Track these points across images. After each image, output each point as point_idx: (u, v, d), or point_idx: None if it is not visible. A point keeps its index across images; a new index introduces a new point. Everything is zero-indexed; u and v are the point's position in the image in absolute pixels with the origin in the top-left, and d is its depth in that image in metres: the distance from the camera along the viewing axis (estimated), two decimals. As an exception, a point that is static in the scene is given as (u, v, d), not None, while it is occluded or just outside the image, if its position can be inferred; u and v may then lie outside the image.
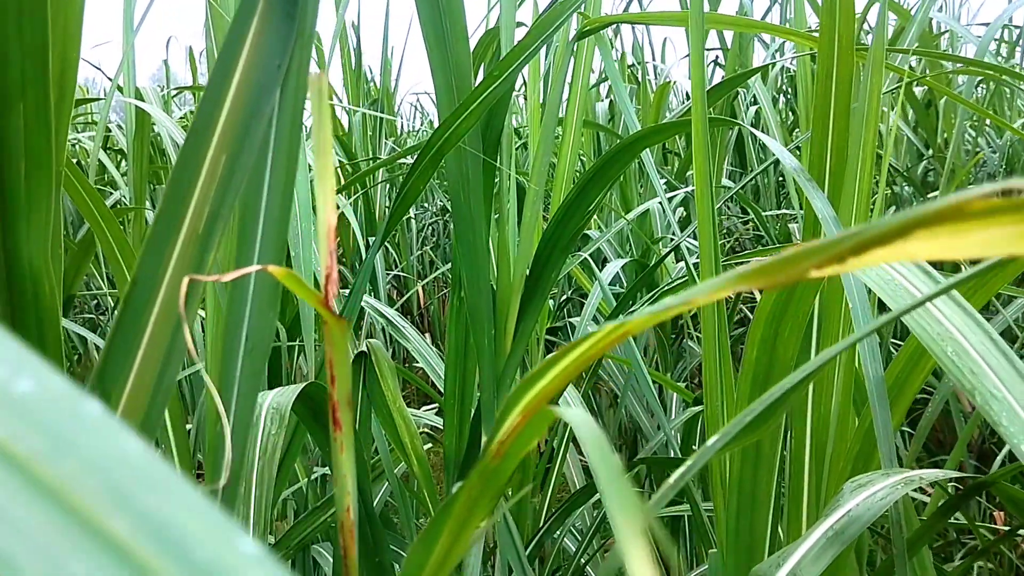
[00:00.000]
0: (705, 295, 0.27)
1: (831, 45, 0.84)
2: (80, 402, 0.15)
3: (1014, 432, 0.48)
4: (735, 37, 2.64)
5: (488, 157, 1.07)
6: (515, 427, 0.33)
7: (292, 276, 0.38)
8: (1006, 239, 0.22)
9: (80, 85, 4.27)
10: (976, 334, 0.52)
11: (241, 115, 0.45)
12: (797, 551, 0.63)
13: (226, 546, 0.14)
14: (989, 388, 0.50)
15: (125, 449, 0.15)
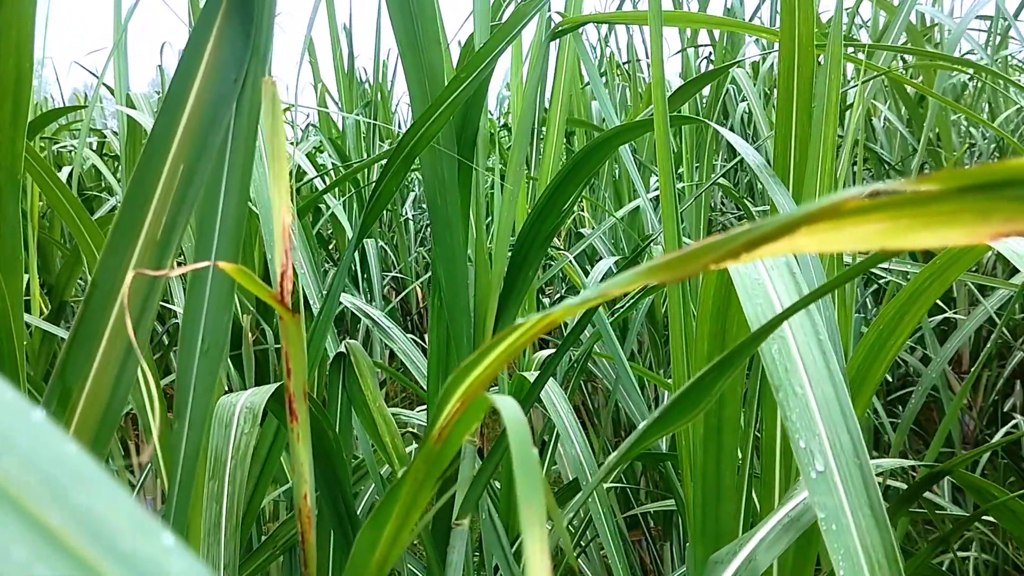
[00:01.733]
0: (618, 287, 0.29)
1: (792, 41, 0.86)
2: (25, 409, 0.17)
3: (799, 427, 0.50)
4: (722, 34, 2.65)
5: (464, 158, 1.08)
6: (454, 413, 0.35)
7: (243, 272, 0.40)
8: (878, 234, 0.23)
9: (77, 92, 4.29)
10: (806, 334, 0.54)
11: (198, 126, 0.46)
12: (753, 538, 0.65)
13: (149, 538, 0.16)
14: (794, 385, 0.51)
15: (63, 451, 0.17)
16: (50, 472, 0.16)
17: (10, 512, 0.15)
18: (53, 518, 0.16)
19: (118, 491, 0.17)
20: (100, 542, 0.16)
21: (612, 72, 3.10)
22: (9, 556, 0.15)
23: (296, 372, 0.39)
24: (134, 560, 0.16)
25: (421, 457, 0.35)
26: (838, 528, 0.46)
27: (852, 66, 2.34)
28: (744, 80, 2.15)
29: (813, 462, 0.48)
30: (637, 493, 2.05)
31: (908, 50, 1.99)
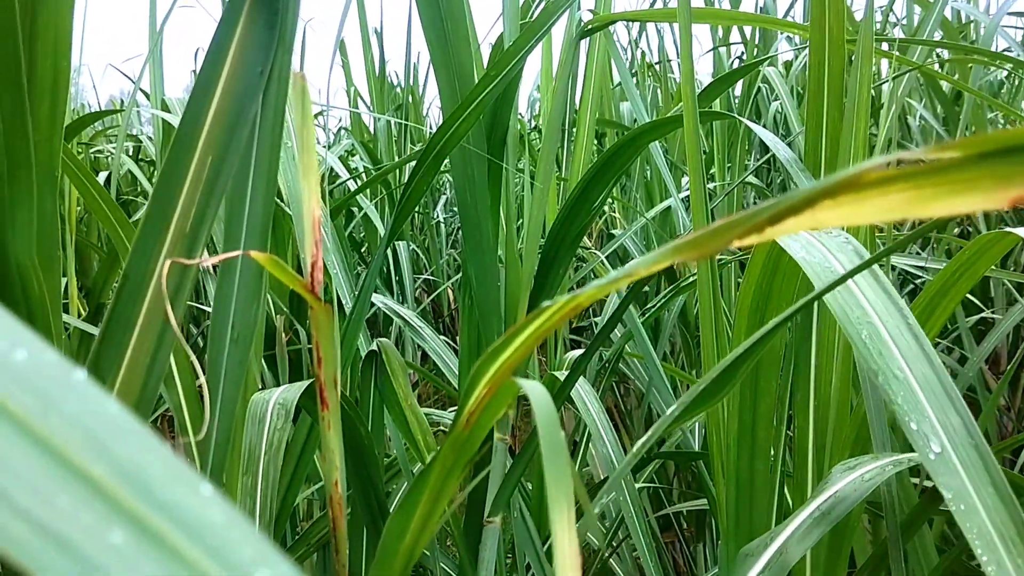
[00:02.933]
0: (645, 267, 0.29)
1: (822, 35, 0.85)
2: (68, 370, 0.18)
3: (907, 410, 0.49)
4: (754, 32, 2.64)
5: (494, 157, 1.09)
6: (482, 399, 0.35)
7: (274, 261, 0.40)
8: (901, 204, 0.23)
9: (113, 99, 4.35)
10: (893, 318, 0.53)
11: (226, 119, 0.47)
12: (784, 531, 0.65)
13: (188, 488, 0.17)
14: (893, 369, 0.51)
15: (104, 408, 0.18)
16: (92, 427, 0.17)
17: (55, 464, 0.16)
18: (95, 469, 0.16)
19: (157, 445, 0.18)
20: (140, 491, 0.17)
21: (644, 73, 3.09)
22: (55, 503, 0.15)
23: (326, 361, 0.39)
24: (173, 508, 0.16)
25: (449, 443, 0.35)
26: (966, 508, 0.45)
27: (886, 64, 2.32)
28: (776, 79, 2.13)
29: (929, 443, 0.48)
30: (670, 494, 2.04)
31: (942, 44, 1.96)
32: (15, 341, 0.18)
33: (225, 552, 0.16)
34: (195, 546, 0.16)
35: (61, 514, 0.16)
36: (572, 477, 0.28)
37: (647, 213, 2.18)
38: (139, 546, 0.16)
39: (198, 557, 0.16)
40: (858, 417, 0.82)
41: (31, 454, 0.17)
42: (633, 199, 2.71)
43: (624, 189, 2.88)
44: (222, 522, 0.17)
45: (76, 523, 0.16)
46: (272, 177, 0.51)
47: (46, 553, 0.15)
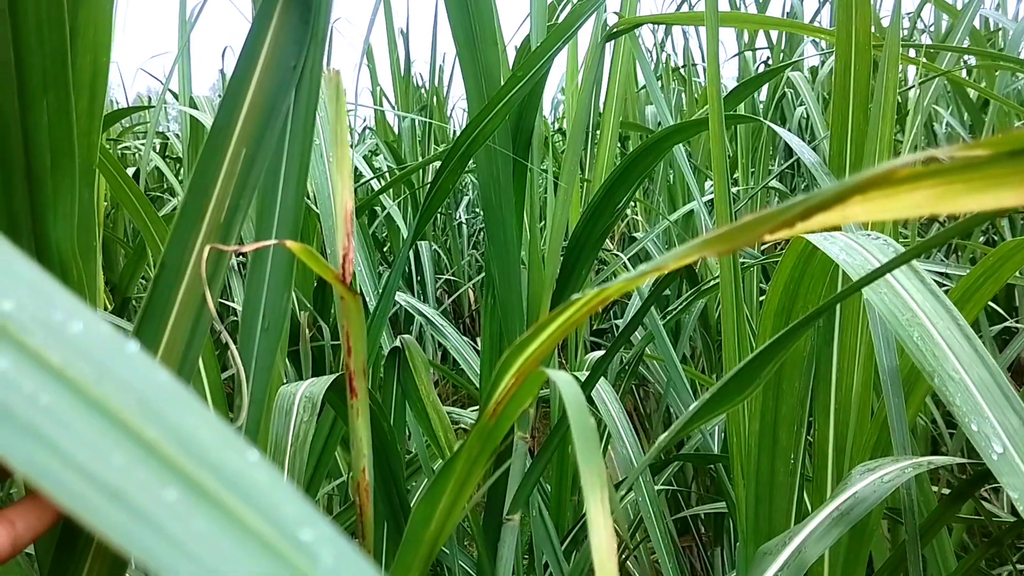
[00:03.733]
0: (675, 260, 0.29)
1: (848, 39, 0.85)
2: (121, 342, 0.20)
3: (965, 411, 0.49)
4: (780, 37, 2.63)
5: (519, 157, 1.09)
6: (509, 389, 0.36)
7: (308, 251, 0.41)
8: (929, 200, 0.24)
9: (141, 96, 4.39)
10: (943, 319, 0.54)
11: (259, 113, 0.48)
12: (803, 530, 0.65)
13: (235, 452, 0.19)
14: (948, 371, 0.51)
15: (156, 377, 0.19)
16: (144, 394, 0.18)
17: (110, 425, 0.18)
18: (148, 431, 0.18)
19: (206, 412, 0.19)
20: (192, 453, 0.18)
21: (668, 76, 3.09)
22: (110, 461, 0.16)
23: (356, 350, 0.40)
24: (222, 469, 0.18)
25: (475, 433, 0.36)
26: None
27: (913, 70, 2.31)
28: (802, 84, 2.13)
29: (991, 444, 0.48)
30: (688, 497, 2.04)
31: (969, 50, 1.95)
32: (72, 314, 0.20)
33: (271, 511, 0.17)
34: (243, 505, 0.17)
35: (117, 471, 0.17)
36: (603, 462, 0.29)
37: (670, 216, 2.18)
38: (191, 503, 0.17)
39: (246, 514, 0.17)
40: (878, 421, 0.82)
41: (88, 416, 0.18)
42: (656, 202, 2.71)
43: (647, 192, 2.88)
44: (268, 484, 0.18)
45: (131, 479, 0.17)
46: (303, 171, 0.53)
47: (103, 506, 0.16)
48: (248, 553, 0.17)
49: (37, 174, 0.42)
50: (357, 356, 0.40)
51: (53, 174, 0.43)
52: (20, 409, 0.17)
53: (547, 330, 0.32)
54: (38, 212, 0.42)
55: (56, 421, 0.18)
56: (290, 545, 0.17)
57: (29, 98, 0.41)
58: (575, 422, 0.31)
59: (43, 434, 0.17)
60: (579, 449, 0.29)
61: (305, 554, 0.17)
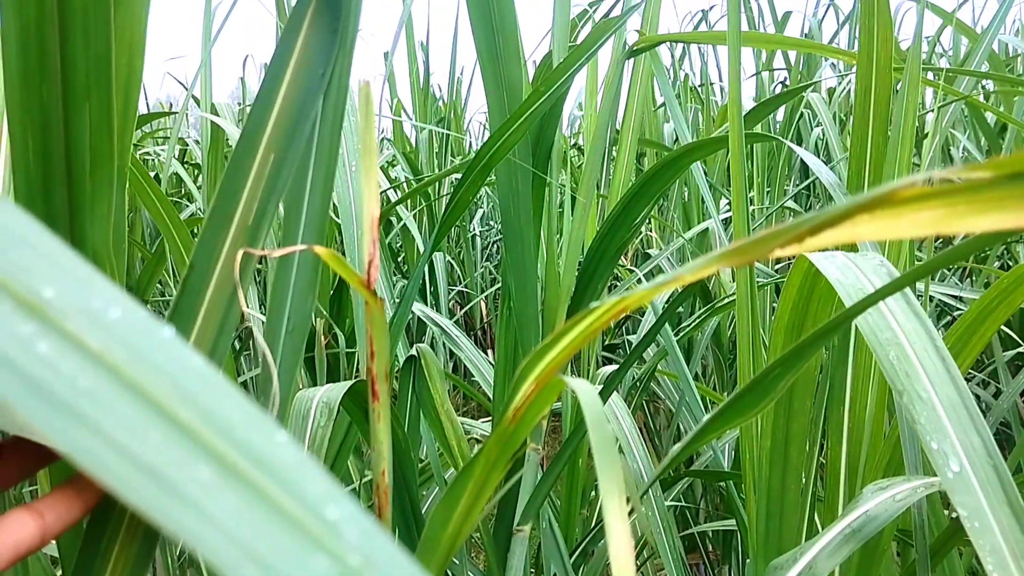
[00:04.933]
0: (691, 272, 0.30)
1: (869, 62, 0.86)
2: (157, 327, 0.21)
3: (928, 430, 0.50)
4: (798, 58, 2.64)
5: (539, 171, 1.10)
6: (529, 395, 0.37)
7: (335, 256, 0.42)
8: (934, 220, 0.25)
9: (162, 102, 4.43)
10: (921, 340, 0.54)
11: (288, 118, 0.49)
12: (815, 546, 0.65)
13: (265, 433, 0.20)
14: (918, 390, 0.52)
15: (190, 361, 0.21)
16: (178, 377, 0.20)
17: (145, 406, 0.19)
18: (181, 413, 0.19)
19: (238, 396, 0.20)
20: (223, 433, 0.19)
21: (686, 95, 3.10)
22: (146, 440, 0.18)
23: (379, 354, 0.41)
24: (251, 448, 0.19)
25: (495, 437, 0.37)
26: (981, 526, 0.46)
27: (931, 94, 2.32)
28: (819, 105, 2.14)
29: (948, 462, 0.49)
30: (697, 515, 2.04)
31: (987, 75, 1.96)
32: (110, 301, 0.21)
33: (298, 489, 0.19)
34: (271, 483, 0.19)
35: (152, 449, 0.18)
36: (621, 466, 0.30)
37: (685, 234, 2.19)
38: (222, 480, 0.18)
39: (274, 492, 0.18)
40: (891, 441, 0.82)
41: (125, 397, 0.19)
42: (671, 219, 2.72)
43: (661, 210, 2.89)
44: (295, 464, 0.19)
45: (166, 457, 0.18)
46: (330, 176, 0.54)
47: (138, 482, 0.18)
48: (276, 528, 0.18)
49: (77, 176, 0.43)
50: (380, 360, 0.41)
51: (92, 176, 0.44)
52: (60, 390, 0.19)
53: (567, 338, 0.33)
54: (76, 213, 0.43)
55: (95, 402, 0.19)
56: (316, 521, 0.18)
57: (72, 101, 0.43)
58: (593, 428, 0.31)
59: (82, 414, 0.18)
60: (597, 455, 0.30)
61: (330, 530, 0.18)
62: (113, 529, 0.39)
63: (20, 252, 0.21)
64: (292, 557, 0.17)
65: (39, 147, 0.43)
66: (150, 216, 2.14)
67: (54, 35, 0.42)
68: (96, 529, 0.41)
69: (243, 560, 0.17)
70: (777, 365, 0.44)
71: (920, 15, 0.92)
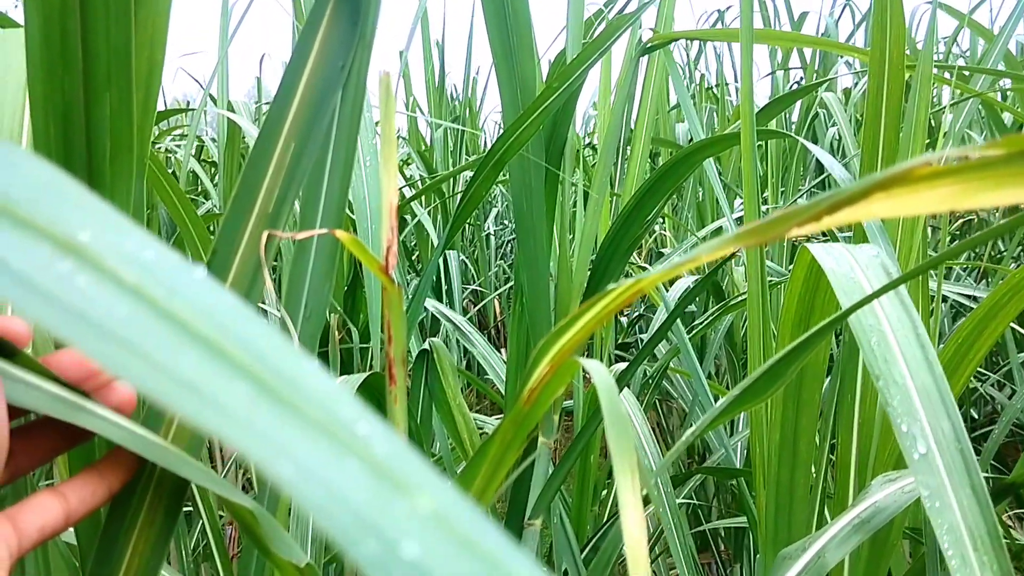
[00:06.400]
0: (707, 253, 0.31)
1: (881, 60, 0.86)
2: (189, 267, 0.22)
3: (900, 413, 0.51)
4: (813, 57, 2.64)
5: (552, 167, 1.11)
6: (544, 376, 0.37)
7: (355, 241, 0.43)
8: (949, 197, 0.25)
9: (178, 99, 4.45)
10: (904, 327, 0.55)
11: (308, 109, 0.50)
12: (824, 536, 0.66)
13: (295, 360, 0.21)
14: (894, 375, 0.52)
15: (222, 296, 0.22)
16: (212, 310, 0.21)
17: (181, 332, 0.20)
18: (217, 339, 0.21)
19: (269, 328, 0.21)
20: (257, 358, 0.20)
21: (702, 96, 3.10)
22: (185, 360, 0.19)
23: (396, 339, 0.42)
24: (285, 372, 0.20)
25: (510, 418, 0.37)
26: (940, 505, 0.47)
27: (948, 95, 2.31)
28: (834, 104, 2.13)
29: (916, 445, 0.50)
30: (709, 513, 2.04)
31: (1003, 73, 1.95)
32: (143, 244, 0.22)
33: (331, 409, 0.20)
34: (305, 401, 0.20)
35: (192, 367, 0.20)
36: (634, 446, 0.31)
37: (698, 232, 2.19)
38: (258, 396, 0.19)
39: (308, 409, 0.19)
40: (902, 436, 0.83)
41: (162, 324, 0.21)
42: (684, 218, 2.72)
43: (675, 209, 2.89)
44: (326, 388, 0.20)
45: (203, 374, 0.20)
46: (348, 166, 0.55)
47: (180, 394, 0.19)
48: (313, 438, 0.19)
49: (97, 166, 0.44)
50: (397, 345, 0.42)
51: (112, 166, 0.45)
52: (99, 318, 0.20)
53: (582, 319, 0.34)
54: (96, 202, 0.44)
55: (133, 327, 0.20)
56: (348, 434, 0.19)
57: (93, 92, 0.43)
58: (607, 408, 0.32)
59: (122, 337, 0.20)
60: (611, 434, 0.31)
61: (362, 442, 0.19)
62: (132, 515, 0.40)
63: (56, 201, 0.22)
64: (326, 458, 0.18)
65: (60, 135, 0.44)
66: (167, 213, 2.16)
67: (76, 27, 0.43)
68: (116, 515, 0.42)
69: (280, 458, 0.18)
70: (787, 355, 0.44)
71: (933, 11, 0.92)
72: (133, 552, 0.42)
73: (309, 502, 0.17)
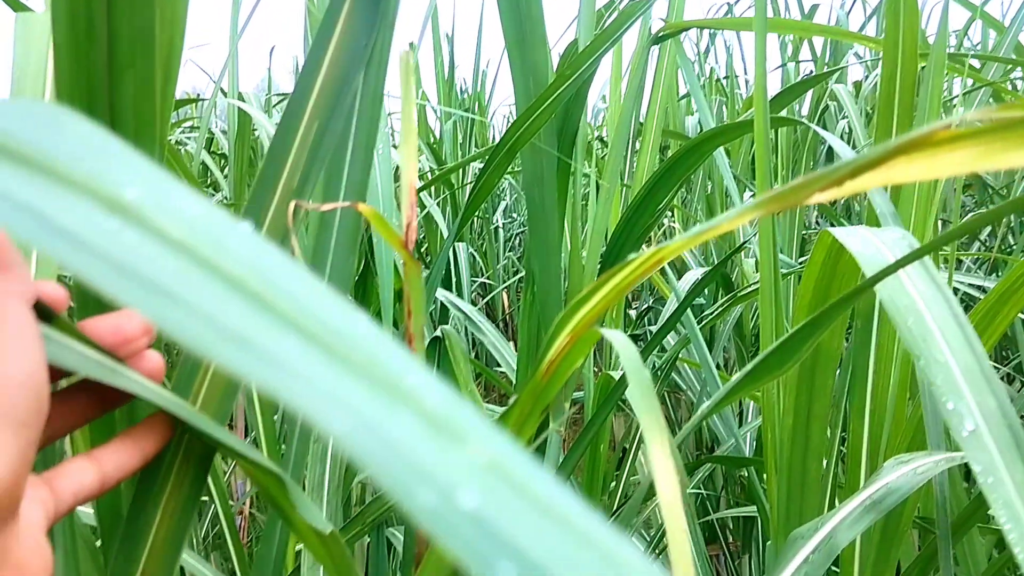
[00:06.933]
0: (729, 220, 0.31)
1: (895, 48, 0.87)
2: (234, 222, 0.23)
3: (944, 391, 0.51)
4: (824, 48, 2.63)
5: (564, 156, 1.11)
6: (563, 348, 0.37)
7: (376, 214, 0.44)
8: (970, 159, 0.25)
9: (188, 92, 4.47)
10: (939, 307, 0.55)
11: (332, 87, 0.51)
12: (835, 517, 0.66)
13: (345, 313, 0.21)
14: (936, 354, 0.53)
15: (268, 250, 0.22)
16: (258, 264, 0.21)
17: (229, 285, 0.21)
18: (264, 292, 0.21)
19: (316, 282, 0.22)
20: (305, 311, 0.21)
21: (711, 88, 3.10)
22: (233, 313, 0.20)
23: (416, 314, 0.42)
24: (332, 324, 0.21)
25: (528, 390, 0.38)
26: (994, 481, 0.47)
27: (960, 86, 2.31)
28: (845, 96, 2.13)
29: (963, 422, 0.50)
30: (717, 503, 2.04)
31: (1015, 61, 1.95)
32: (188, 201, 0.23)
33: (383, 361, 0.20)
34: (355, 352, 0.20)
35: (240, 320, 0.20)
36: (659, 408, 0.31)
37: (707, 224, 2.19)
38: (308, 348, 0.20)
39: (359, 360, 0.20)
40: (913, 422, 0.83)
41: (210, 277, 0.21)
42: (694, 210, 2.72)
43: (685, 202, 2.89)
44: (375, 340, 0.20)
45: (254, 328, 0.20)
46: (370, 144, 0.55)
47: (228, 348, 0.19)
48: (362, 386, 0.19)
49: (121, 142, 0.45)
50: (416, 319, 0.42)
51: (135, 145, 0.46)
52: (147, 271, 0.20)
53: (602, 290, 0.34)
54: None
55: (181, 281, 0.20)
56: (399, 385, 0.19)
57: (117, 70, 0.44)
58: (632, 373, 0.32)
59: (170, 291, 0.20)
60: (636, 398, 0.31)
61: (413, 393, 0.19)
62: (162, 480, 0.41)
63: (101, 159, 0.23)
64: (380, 411, 0.18)
65: (85, 112, 0.45)
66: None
67: (102, 7, 0.43)
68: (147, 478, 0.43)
69: (333, 409, 0.18)
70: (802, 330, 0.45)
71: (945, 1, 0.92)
72: (163, 514, 0.42)
73: (364, 455, 0.17)
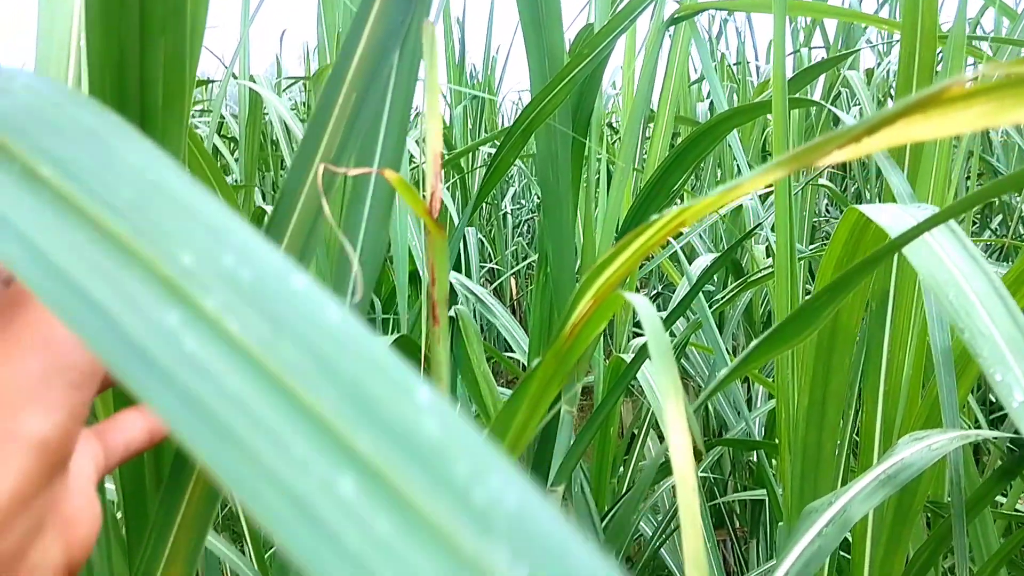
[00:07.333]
0: (751, 180, 0.31)
1: (913, 30, 0.86)
2: (286, 279, 0.18)
3: (992, 362, 0.51)
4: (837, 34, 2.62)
5: (578, 136, 1.12)
6: (586, 311, 0.37)
7: (403, 182, 0.44)
8: (984, 115, 0.26)
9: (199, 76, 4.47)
10: (979, 279, 0.56)
11: (369, 60, 0.51)
12: (849, 491, 0.67)
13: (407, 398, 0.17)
14: (979, 327, 0.53)
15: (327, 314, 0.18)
16: (318, 347, 0.17)
17: (289, 410, 0.17)
18: (337, 423, 0.16)
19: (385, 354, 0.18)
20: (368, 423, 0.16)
21: (722, 74, 3.10)
22: (292, 474, 0.16)
23: (439, 281, 0.43)
24: (394, 428, 0.16)
25: (552, 353, 0.38)
26: None
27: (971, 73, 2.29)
28: (857, 82, 2.13)
29: (1012, 393, 0.50)
30: (725, 488, 2.05)
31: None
32: (241, 253, 0.19)
33: (440, 471, 0.15)
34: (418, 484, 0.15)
35: (304, 483, 0.15)
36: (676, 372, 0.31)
37: (719, 210, 2.19)
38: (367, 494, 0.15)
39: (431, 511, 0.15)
40: (928, 403, 0.83)
41: (267, 398, 0.17)
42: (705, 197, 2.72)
43: (695, 188, 2.89)
44: (437, 434, 0.16)
45: (324, 497, 0.15)
46: (404, 118, 0.56)
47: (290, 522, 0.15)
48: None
49: (150, 113, 0.45)
50: (440, 286, 0.43)
51: (164, 113, 0.46)
52: (212, 402, 0.17)
53: (625, 253, 0.34)
54: (148, 149, 0.45)
55: (245, 415, 0.16)
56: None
57: (148, 37, 0.44)
58: (651, 335, 0.33)
59: (234, 435, 0.16)
60: (655, 358, 0.31)
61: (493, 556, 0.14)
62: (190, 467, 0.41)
63: (158, 205, 0.19)
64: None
65: (115, 80, 0.45)
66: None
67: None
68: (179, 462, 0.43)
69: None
70: (824, 292, 0.45)
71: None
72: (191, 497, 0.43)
73: None
